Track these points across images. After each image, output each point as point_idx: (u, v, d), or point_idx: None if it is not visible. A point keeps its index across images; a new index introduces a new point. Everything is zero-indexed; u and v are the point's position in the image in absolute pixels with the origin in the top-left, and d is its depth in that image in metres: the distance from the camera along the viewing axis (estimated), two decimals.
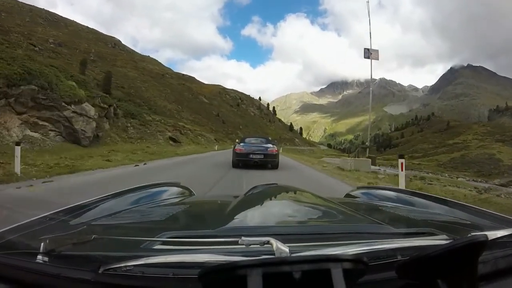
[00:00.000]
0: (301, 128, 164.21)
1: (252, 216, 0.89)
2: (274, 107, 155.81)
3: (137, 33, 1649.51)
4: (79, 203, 0.88)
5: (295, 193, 1.34)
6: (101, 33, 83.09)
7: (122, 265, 0.46)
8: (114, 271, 0.46)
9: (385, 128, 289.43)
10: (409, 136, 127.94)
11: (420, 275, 0.44)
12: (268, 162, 8.21)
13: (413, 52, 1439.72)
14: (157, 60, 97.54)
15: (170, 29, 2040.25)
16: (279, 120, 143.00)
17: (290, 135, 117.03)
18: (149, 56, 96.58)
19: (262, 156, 8.10)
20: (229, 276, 0.36)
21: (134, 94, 44.00)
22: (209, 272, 0.37)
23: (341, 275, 0.36)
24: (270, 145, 8.77)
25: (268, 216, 0.91)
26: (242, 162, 8.11)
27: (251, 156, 8.07)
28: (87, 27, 79.01)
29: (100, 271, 0.46)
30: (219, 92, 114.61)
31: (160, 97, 55.68)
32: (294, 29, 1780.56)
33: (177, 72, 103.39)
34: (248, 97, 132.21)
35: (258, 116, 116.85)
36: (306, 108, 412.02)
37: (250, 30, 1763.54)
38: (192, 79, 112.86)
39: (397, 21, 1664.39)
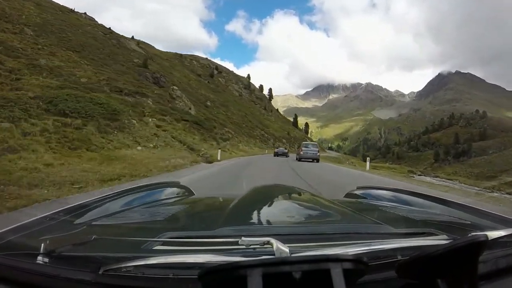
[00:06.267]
0: (306, 124, 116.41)
1: (252, 216, 0.88)
2: (270, 89, 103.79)
3: (117, 25, 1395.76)
4: (79, 203, 0.87)
5: (295, 193, 1.34)
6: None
7: (122, 265, 0.45)
8: (114, 272, 0.45)
9: (374, 132, 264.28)
10: (473, 141, 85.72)
11: (420, 275, 0.43)
12: None
13: (404, 55, 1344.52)
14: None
15: (152, 22, 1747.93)
16: (277, 110, 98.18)
17: (301, 134, 79.38)
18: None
19: None
20: (229, 277, 0.35)
21: None
22: (209, 272, 0.37)
23: (341, 275, 0.36)
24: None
25: (268, 216, 0.90)
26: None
27: None
28: None
29: (100, 272, 0.45)
30: (181, 56, 67.86)
31: None
32: (281, 27, 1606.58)
33: (124, 35, 53.00)
34: (232, 72, 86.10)
35: (247, 99, 71.97)
36: (291, 112, 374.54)
37: (235, 25, 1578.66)
38: (149, 45, 65.03)
39: (390, 22, 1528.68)
